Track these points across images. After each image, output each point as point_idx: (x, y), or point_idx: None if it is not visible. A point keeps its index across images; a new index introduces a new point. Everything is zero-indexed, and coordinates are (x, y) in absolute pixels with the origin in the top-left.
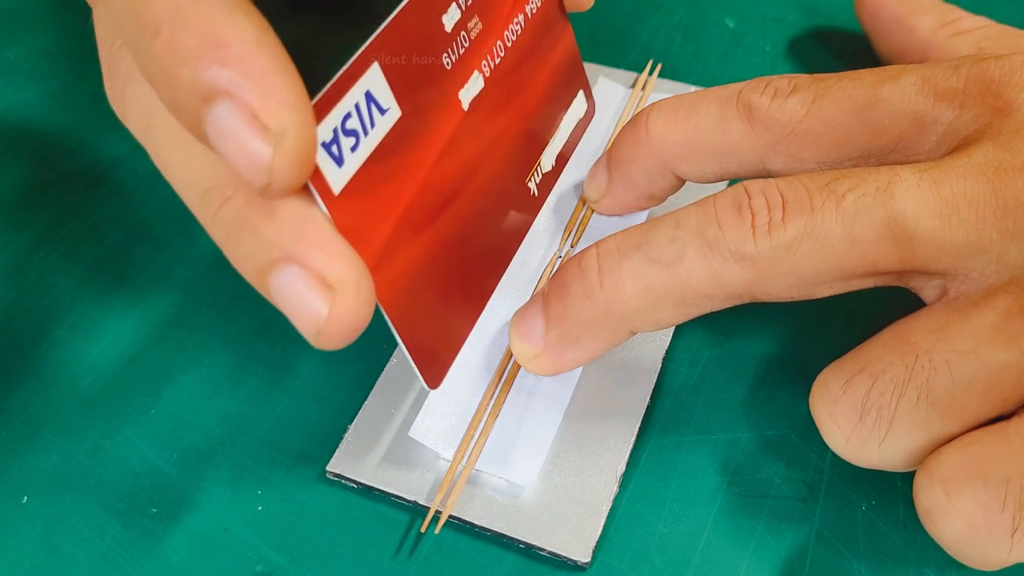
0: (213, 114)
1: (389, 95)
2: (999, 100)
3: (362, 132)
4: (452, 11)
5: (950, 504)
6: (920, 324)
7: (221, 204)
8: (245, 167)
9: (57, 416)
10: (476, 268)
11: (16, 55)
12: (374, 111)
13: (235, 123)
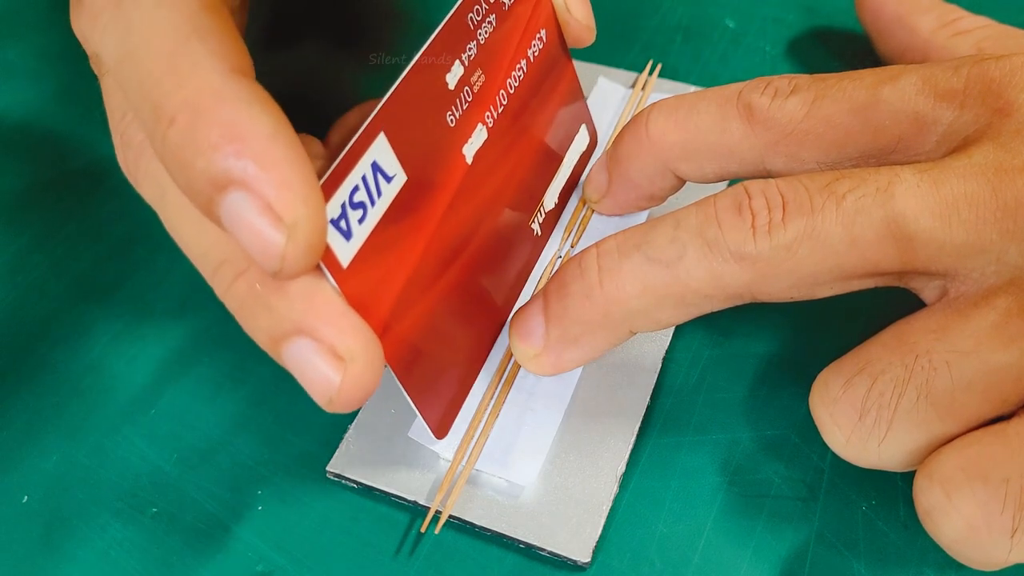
0: (227, 202)
1: (395, 162)
2: (999, 100)
3: (369, 203)
4: (455, 68)
5: (950, 504)
6: (920, 324)
7: (234, 278)
8: (258, 253)
9: (57, 416)
10: (481, 316)
11: (16, 55)
12: (380, 180)
13: (249, 212)
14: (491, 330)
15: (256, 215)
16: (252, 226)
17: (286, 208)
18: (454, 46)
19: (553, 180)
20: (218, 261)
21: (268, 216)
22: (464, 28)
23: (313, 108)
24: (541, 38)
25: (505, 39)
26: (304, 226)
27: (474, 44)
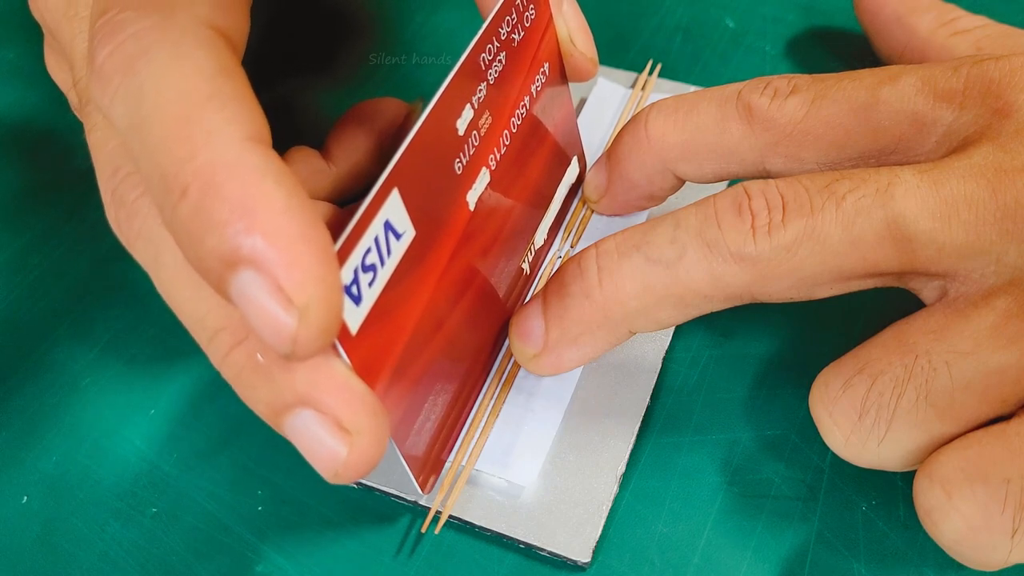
0: (238, 280)
1: (406, 218)
2: (999, 101)
3: (379, 264)
4: (465, 113)
5: (950, 505)
6: (919, 325)
7: (232, 347)
8: (268, 334)
9: (57, 416)
10: (470, 363)
11: (16, 55)
12: (391, 239)
13: (259, 292)
14: (479, 377)
15: (266, 296)
16: (262, 307)
17: (297, 290)
18: (466, 90)
19: (544, 217)
20: (215, 328)
21: (278, 298)
22: (476, 70)
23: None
24: (544, 72)
25: (512, 77)
26: (316, 308)
27: (484, 85)
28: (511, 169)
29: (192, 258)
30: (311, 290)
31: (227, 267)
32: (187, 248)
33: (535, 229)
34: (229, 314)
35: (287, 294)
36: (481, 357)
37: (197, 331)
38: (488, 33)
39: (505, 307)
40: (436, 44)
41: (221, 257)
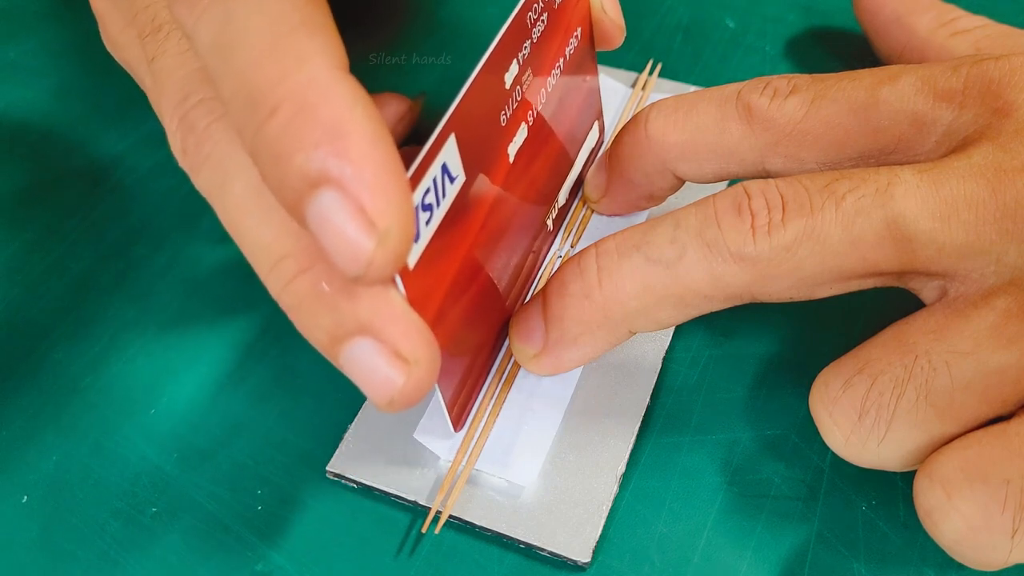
0: (319, 200)
1: (459, 163)
2: (998, 101)
3: (436, 204)
4: (512, 68)
5: (950, 505)
6: (919, 325)
7: (297, 274)
8: (342, 256)
9: (57, 416)
10: (498, 310)
11: (17, 54)
12: (446, 182)
13: (340, 214)
14: (504, 323)
15: (347, 218)
16: (340, 229)
17: (380, 214)
18: (513, 45)
19: (567, 178)
20: (279, 256)
21: (360, 220)
22: (523, 27)
23: None
24: (576, 36)
25: (551, 38)
26: (396, 234)
27: (528, 43)
28: (544, 127)
29: (273, 178)
30: (392, 216)
31: (310, 187)
32: (269, 167)
33: (559, 188)
34: (296, 241)
35: (369, 217)
36: (507, 310)
37: (259, 259)
38: None
39: (531, 261)
40: (436, 44)
41: (307, 176)
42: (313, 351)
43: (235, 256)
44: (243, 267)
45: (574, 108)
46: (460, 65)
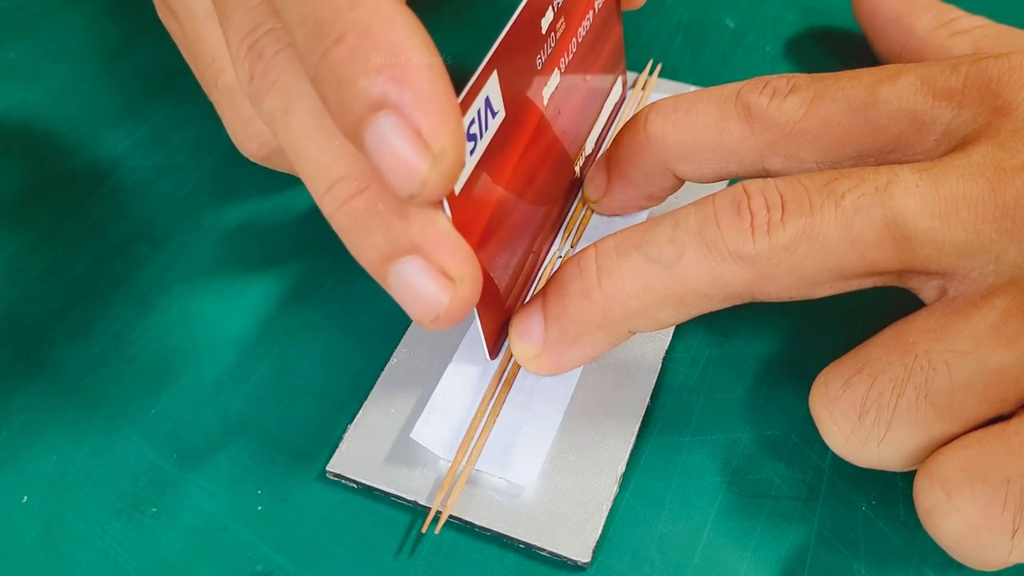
0: (378, 123)
1: (500, 99)
2: (998, 100)
3: (479, 136)
4: (548, 14)
5: (950, 505)
6: (919, 324)
7: (353, 195)
8: (397, 176)
9: (57, 416)
10: (530, 252)
11: (17, 54)
12: (488, 116)
13: (397, 136)
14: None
15: (403, 140)
16: (397, 150)
17: (435, 137)
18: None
19: (592, 128)
20: (338, 176)
21: (416, 143)
22: None
23: None
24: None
25: None
26: (449, 156)
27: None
28: (574, 75)
29: (335, 102)
30: (446, 139)
31: (371, 110)
32: (332, 91)
33: (587, 136)
34: (353, 164)
35: (425, 139)
36: (535, 246)
37: (317, 179)
38: None
39: (558, 204)
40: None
41: (368, 100)
42: (313, 351)
43: (235, 256)
44: (243, 267)
45: (600, 61)
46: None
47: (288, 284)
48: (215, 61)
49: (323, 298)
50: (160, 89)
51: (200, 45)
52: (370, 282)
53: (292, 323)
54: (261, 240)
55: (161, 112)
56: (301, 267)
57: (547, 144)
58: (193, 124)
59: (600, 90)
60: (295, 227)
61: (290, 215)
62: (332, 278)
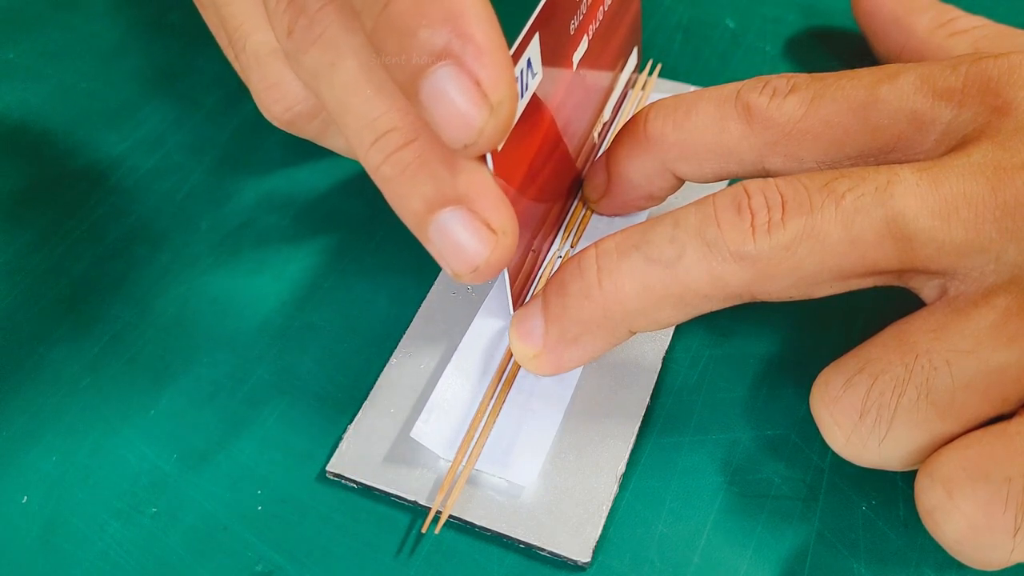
0: (436, 75)
1: (539, 61)
2: (998, 99)
3: (520, 95)
4: None
5: (952, 504)
6: (920, 324)
7: (402, 145)
8: (453, 127)
9: (57, 416)
10: (553, 206)
11: (16, 55)
12: (529, 76)
13: (456, 87)
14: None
15: (462, 91)
16: (455, 100)
17: (495, 88)
18: None
19: (610, 97)
20: (386, 128)
21: (475, 93)
22: None
23: None
24: None
25: None
26: (507, 106)
27: None
28: (598, 43)
29: (394, 51)
30: (504, 90)
31: (432, 59)
32: (392, 43)
33: (605, 103)
34: (403, 116)
35: (484, 90)
36: (557, 207)
37: (365, 132)
38: None
39: (577, 168)
40: None
41: (430, 51)
42: (313, 351)
43: (234, 257)
44: (242, 267)
45: (622, 31)
46: None
47: (288, 284)
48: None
49: (323, 298)
50: (159, 90)
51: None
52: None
53: (292, 323)
54: (260, 241)
55: (160, 113)
56: (301, 267)
57: (573, 107)
58: (192, 125)
59: (621, 57)
60: (294, 227)
61: (289, 215)
62: (332, 278)
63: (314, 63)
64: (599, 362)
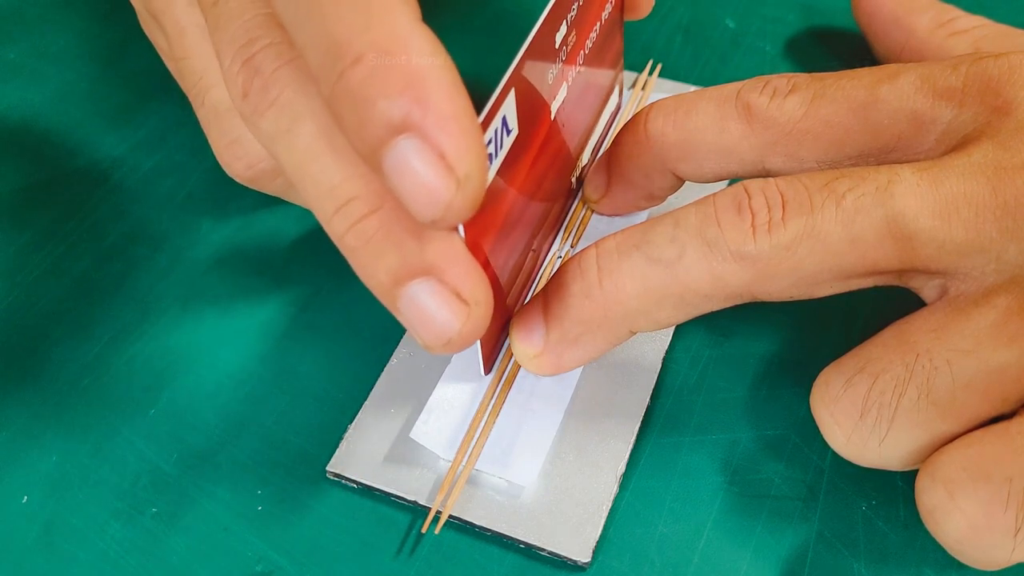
0: (398, 146)
1: (515, 117)
2: (998, 99)
3: (495, 155)
4: (562, 28)
5: (952, 504)
6: (920, 323)
7: (365, 215)
8: (420, 201)
9: (57, 416)
10: (530, 251)
11: (16, 55)
12: (504, 134)
13: (419, 160)
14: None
15: (427, 164)
16: (420, 174)
17: (460, 160)
18: (566, 5)
19: (589, 139)
20: (348, 197)
21: (440, 166)
22: None
23: None
24: (611, 2)
25: (592, 3)
26: (475, 179)
27: (576, 5)
28: (579, 88)
29: (352, 124)
30: (472, 162)
31: (391, 132)
32: (349, 114)
33: (584, 147)
34: (366, 184)
35: (449, 163)
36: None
37: (325, 200)
38: None
39: (555, 216)
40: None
41: (389, 123)
42: (314, 351)
43: (235, 257)
44: (243, 268)
45: (603, 72)
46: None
47: (288, 285)
48: (202, 78)
49: (323, 299)
50: (160, 90)
51: (187, 61)
52: None
53: (292, 324)
54: (261, 241)
55: (161, 113)
56: (301, 268)
57: (551, 157)
58: (192, 125)
59: (601, 100)
60: (295, 228)
61: (290, 216)
62: (332, 279)
63: (271, 127)
64: (599, 362)
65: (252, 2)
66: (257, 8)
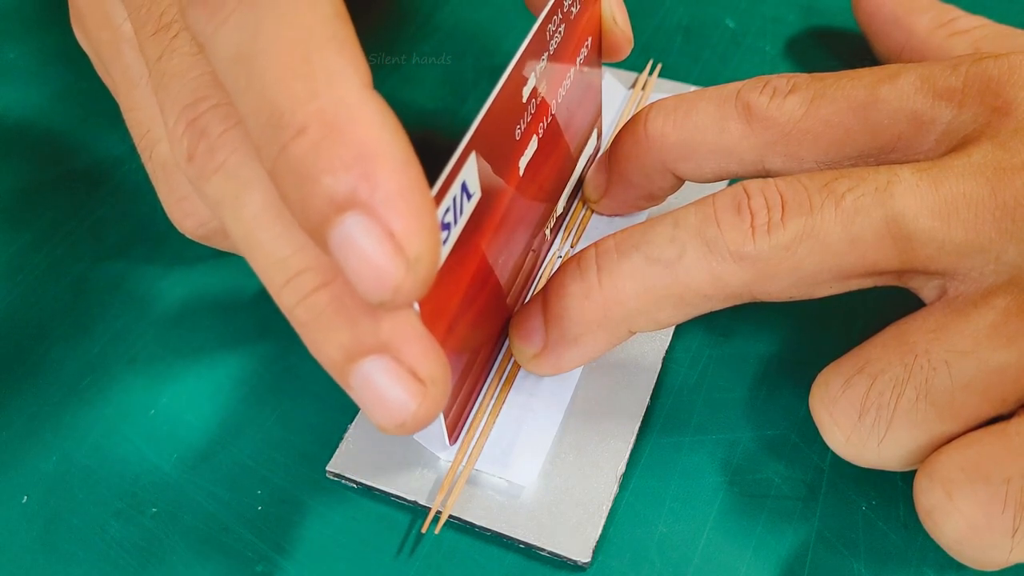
0: (345, 224)
1: (476, 180)
2: (998, 99)
3: (453, 223)
4: (530, 81)
5: (951, 505)
6: (919, 324)
7: (316, 288)
8: (367, 282)
9: (57, 416)
10: (497, 321)
11: (16, 55)
12: (464, 200)
13: (367, 239)
14: (502, 335)
15: (375, 243)
16: (367, 254)
17: (410, 240)
18: (533, 57)
19: (565, 187)
20: (297, 270)
21: (388, 246)
22: (543, 39)
23: None
24: (587, 46)
25: (565, 49)
26: (426, 260)
27: (546, 56)
28: (552, 139)
29: (295, 199)
30: (422, 241)
31: (336, 210)
32: (292, 188)
33: (559, 197)
34: (316, 257)
35: (399, 242)
36: (506, 316)
37: (274, 272)
38: (557, 3)
39: (528, 272)
40: (436, 44)
41: (333, 199)
42: None
43: (235, 257)
44: (243, 268)
45: (578, 119)
46: (459, 65)
47: None
48: (150, 131)
49: None
50: None
51: (134, 113)
52: None
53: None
54: None
55: None
56: None
57: (520, 213)
58: None
59: (577, 147)
60: None
61: None
62: None
63: (217, 192)
64: (599, 362)
65: (198, 59)
66: (203, 66)
